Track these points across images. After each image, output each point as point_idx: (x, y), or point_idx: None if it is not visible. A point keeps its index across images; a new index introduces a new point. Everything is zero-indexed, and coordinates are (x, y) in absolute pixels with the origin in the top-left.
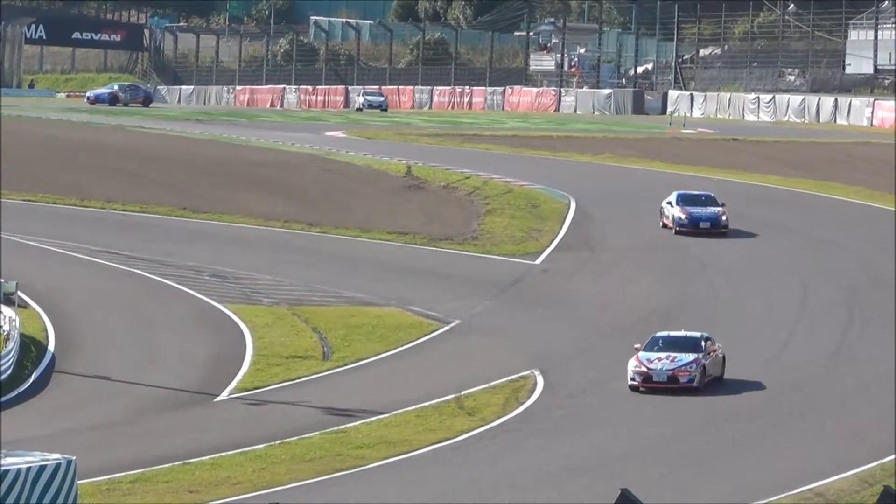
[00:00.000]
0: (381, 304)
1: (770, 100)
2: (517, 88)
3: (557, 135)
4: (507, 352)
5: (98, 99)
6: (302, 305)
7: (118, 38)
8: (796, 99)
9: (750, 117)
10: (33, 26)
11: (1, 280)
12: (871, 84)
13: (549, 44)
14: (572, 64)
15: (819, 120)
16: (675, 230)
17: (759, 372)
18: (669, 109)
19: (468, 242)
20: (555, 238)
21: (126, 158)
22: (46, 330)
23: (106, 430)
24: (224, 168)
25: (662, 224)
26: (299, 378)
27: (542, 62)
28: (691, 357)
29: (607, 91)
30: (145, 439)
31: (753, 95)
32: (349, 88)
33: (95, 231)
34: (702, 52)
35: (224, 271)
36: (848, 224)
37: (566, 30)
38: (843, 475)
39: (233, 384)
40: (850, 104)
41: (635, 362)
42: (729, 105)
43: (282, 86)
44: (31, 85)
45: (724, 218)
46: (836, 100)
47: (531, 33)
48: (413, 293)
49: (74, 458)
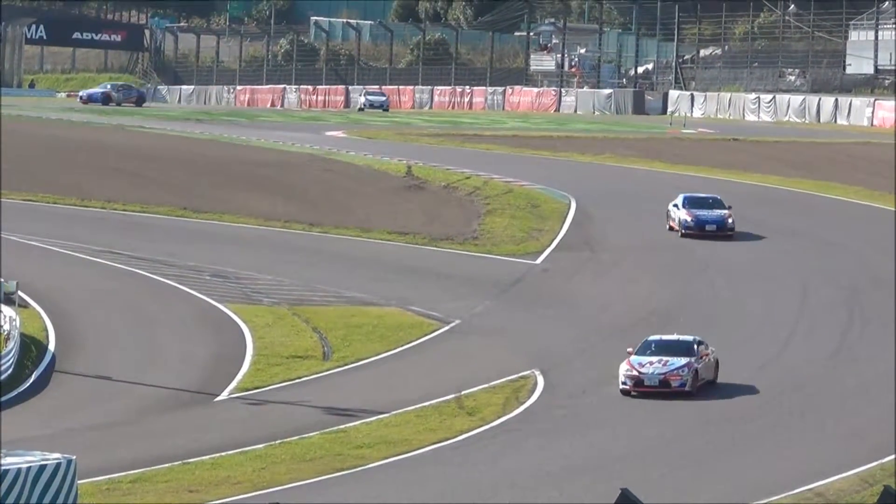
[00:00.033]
0: (382, 304)
1: (770, 100)
2: (517, 88)
3: (558, 135)
4: (508, 352)
5: (91, 98)
6: (302, 305)
7: (118, 39)
8: (797, 99)
9: (750, 117)
10: (34, 26)
11: (1, 280)
12: (872, 84)
13: (550, 44)
14: (573, 64)
15: (819, 120)
16: (682, 233)
17: (760, 372)
18: (670, 109)
19: (468, 242)
20: (555, 238)
21: (126, 158)
22: (47, 330)
23: (106, 430)
24: (224, 168)
25: (669, 227)
26: (299, 378)
27: (543, 62)
28: (683, 361)
29: (608, 91)
30: (145, 439)
31: (754, 95)
32: (349, 88)
33: (96, 231)
34: (702, 53)
35: (225, 271)
36: (848, 224)
37: (566, 30)
38: (844, 475)
39: (233, 384)
40: (851, 104)
41: (627, 366)
42: (729, 105)
43: (282, 86)
44: (32, 85)
45: (731, 220)
46: (837, 100)
47: (531, 33)
48: (413, 293)
49: (74, 458)
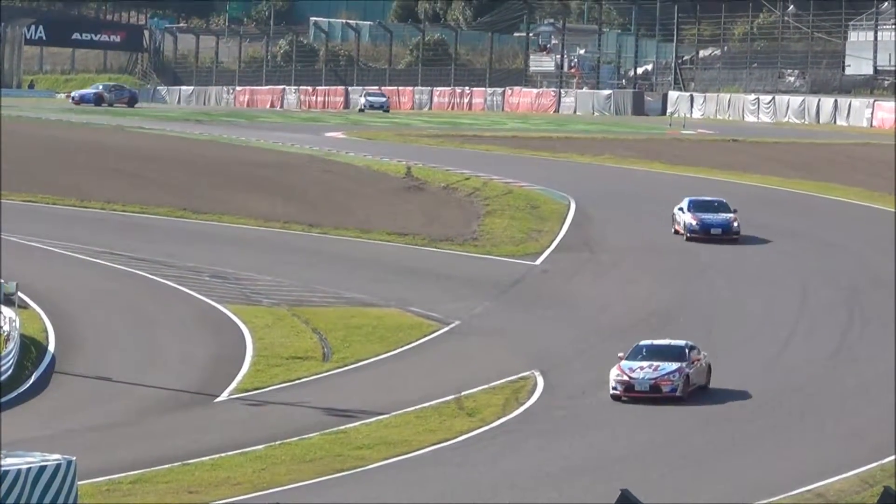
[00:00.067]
0: (382, 305)
1: (770, 101)
2: (517, 89)
3: (557, 136)
4: (507, 352)
5: (83, 99)
6: (302, 306)
7: (118, 39)
8: (796, 100)
9: (750, 118)
10: (33, 27)
11: (1, 281)
12: (871, 85)
13: (549, 45)
14: (572, 65)
15: (819, 121)
16: (687, 237)
17: (759, 372)
18: (669, 110)
19: (468, 243)
20: (555, 239)
21: (126, 159)
22: (46, 330)
23: (106, 431)
24: (224, 169)
25: (675, 230)
26: (299, 379)
27: (542, 63)
28: (674, 366)
29: (607, 92)
30: (145, 440)
31: (753, 96)
32: (349, 89)
33: (95, 232)
34: (701, 53)
35: (224, 272)
36: (848, 225)
37: (566, 31)
38: (844, 476)
39: (233, 385)
40: (850, 105)
41: (617, 371)
42: (729, 106)
43: (281, 86)
44: (31, 85)
45: (736, 224)
46: (836, 101)
47: (531, 34)
48: (413, 294)
49: (74, 459)
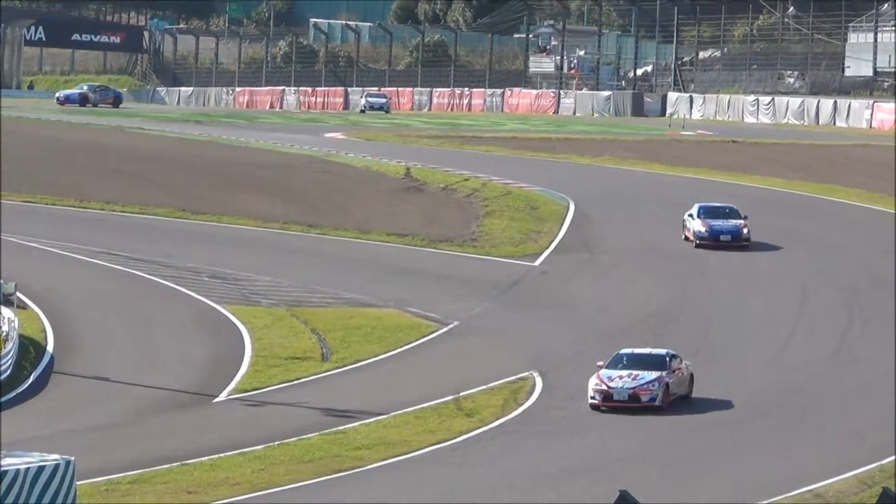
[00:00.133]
0: (380, 306)
1: (769, 102)
2: (516, 90)
3: (557, 137)
4: (506, 353)
5: (68, 99)
6: (301, 307)
7: (118, 40)
8: (796, 101)
9: (749, 119)
10: (33, 28)
11: (0, 281)
12: (871, 86)
13: (549, 46)
14: (572, 66)
15: (818, 122)
16: (696, 244)
17: (759, 372)
18: (669, 111)
19: (467, 244)
20: (554, 240)
21: (125, 160)
22: (45, 331)
23: (105, 431)
24: (223, 169)
25: (685, 237)
26: (298, 379)
27: (542, 64)
28: (654, 375)
29: (607, 93)
30: (144, 440)
31: (753, 97)
32: (349, 90)
33: (94, 232)
34: (701, 55)
35: (223, 272)
36: (848, 226)
37: (565, 32)
38: (843, 476)
39: (231, 385)
40: (850, 106)
41: (596, 380)
42: (728, 107)
43: (281, 87)
44: (31, 86)
45: (746, 231)
46: (836, 102)
47: (530, 35)
48: (412, 294)
49: (73, 459)
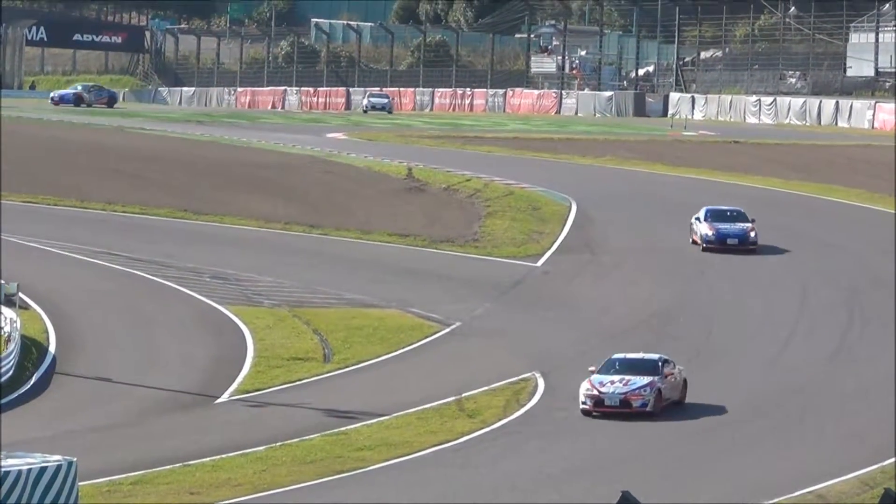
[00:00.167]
0: (382, 306)
1: (771, 102)
2: (518, 90)
3: (558, 137)
4: (508, 354)
5: (62, 99)
6: (303, 307)
7: (119, 40)
8: (797, 101)
9: (751, 120)
10: (34, 28)
11: (2, 281)
12: (872, 87)
13: (550, 46)
14: (573, 66)
15: (820, 122)
16: (703, 247)
17: (760, 372)
18: (671, 112)
19: (469, 244)
20: (556, 240)
21: (126, 160)
22: (47, 331)
23: (107, 432)
24: (225, 170)
25: (692, 241)
26: (300, 380)
27: (544, 64)
28: (646, 380)
29: (608, 93)
30: (146, 441)
31: (755, 98)
32: (350, 90)
33: (96, 232)
34: (703, 55)
35: (225, 273)
36: (848, 226)
37: (567, 32)
38: (844, 478)
39: (233, 386)
40: (851, 107)
41: (587, 385)
42: (730, 107)
43: (283, 87)
44: (32, 86)
45: (753, 234)
46: (837, 102)
47: (532, 35)
48: (414, 295)
49: (75, 460)
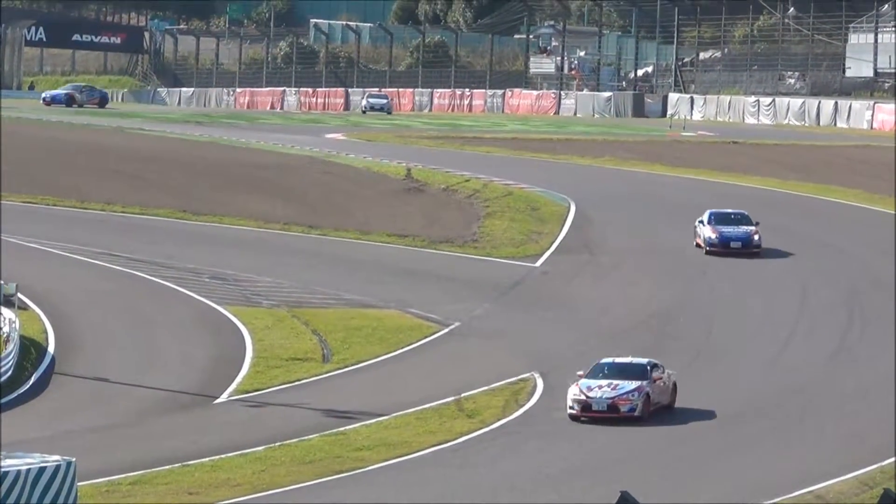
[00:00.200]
0: (381, 307)
1: (770, 103)
2: (517, 91)
3: (557, 137)
4: (507, 354)
5: (54, 100)
6: (302, 307)
7: (118, 41)
8: (796, 102)
9: (750, 120)
10: (33, 28)
11: (1, 282)
12: (871, 87)
13: (549, 46)
14: (572, 67)
15: (819, 123)
16: (706, 251)
17: (760, 373)
18: (669, 112)
19: (468, 245)
20: (555, 241)
21: (126, 160)
22: (46, 332)
23: (106, 432)
24: (224, 170)
25: (696, 244)
26: (299, 380)
27: (542, 65)
28: (634, 385)
29: (607, 94)
30: (145, 441)
31: (753, 98)
32: (349, 91)
33: (95, 233)
34: (702, 56)
35: (224, 273)
36: (848, 227)
37: (566, 33)
38: (843, 478)
39: (232, 386)
40: (850, 107)
41: (575, 390)
42: (729, 108)
43: (282, 88)
44: (32, 87)
45: (757, 237)
46: (837, 103)
47: (531, 36)
48: (413, 295)
49: (74, 460)
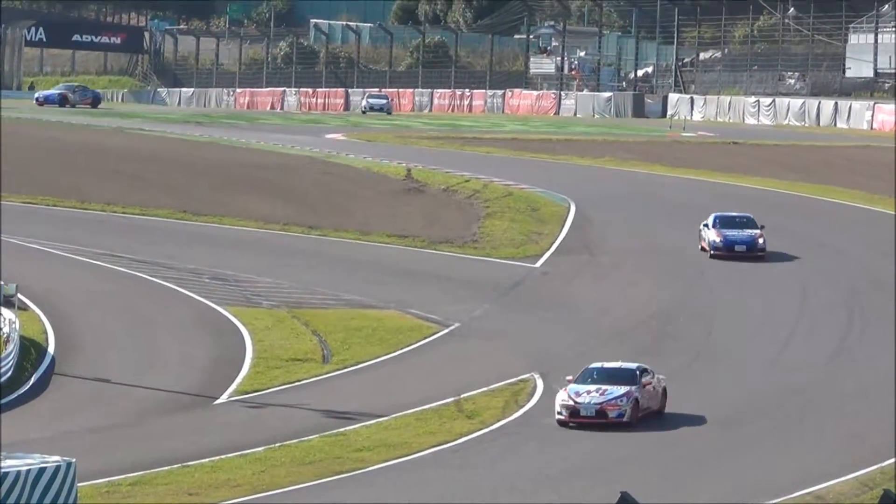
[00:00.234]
0: (381, 307)
1: (770, 103)
2: (517, 91)
3: (557, 138)
4: (507, 355)
5: (47, 100)
6: (302, 308)
7: (118, 41)
8: (796, 102)
9: (750, 121)
10: (33, 28)
11: (1, 282)
12: (871, 88)
13: (549, 47)
14: (572, 67)
15: (819, 123)
16: (711, 254)
17: (760, 373)
18: (669, 113)
19: (468, 245)
20: (555, 241)
21: (126, 161)
22: (46, 332)
23: (106, 433)
24: (224, 171)
25: (700, 247)
26: (299, 381)
27: (542, 65)
28: (623, 390)
29: (607, 94)
30: (145, 442)
31: (753, 99)
32: (349, 91)
33: (95, 233)
34: (702, 56)
35: (224, 274)
36: (848, 227)
37: (566, 33)
38: (843, 478)
39: (233, 387)
40: (851, 108)
41: (564, 395)
42: (729, 108)
43: (282, 88)
44: (32, 87)
45: (762, 241)
46: (837, 103)
47: (531, 36)
48: (413, 296)
49: (74, 461)
